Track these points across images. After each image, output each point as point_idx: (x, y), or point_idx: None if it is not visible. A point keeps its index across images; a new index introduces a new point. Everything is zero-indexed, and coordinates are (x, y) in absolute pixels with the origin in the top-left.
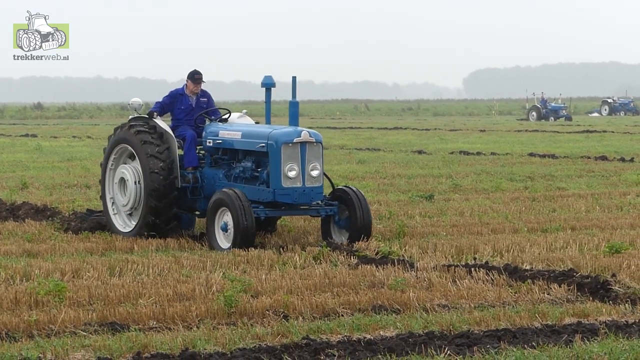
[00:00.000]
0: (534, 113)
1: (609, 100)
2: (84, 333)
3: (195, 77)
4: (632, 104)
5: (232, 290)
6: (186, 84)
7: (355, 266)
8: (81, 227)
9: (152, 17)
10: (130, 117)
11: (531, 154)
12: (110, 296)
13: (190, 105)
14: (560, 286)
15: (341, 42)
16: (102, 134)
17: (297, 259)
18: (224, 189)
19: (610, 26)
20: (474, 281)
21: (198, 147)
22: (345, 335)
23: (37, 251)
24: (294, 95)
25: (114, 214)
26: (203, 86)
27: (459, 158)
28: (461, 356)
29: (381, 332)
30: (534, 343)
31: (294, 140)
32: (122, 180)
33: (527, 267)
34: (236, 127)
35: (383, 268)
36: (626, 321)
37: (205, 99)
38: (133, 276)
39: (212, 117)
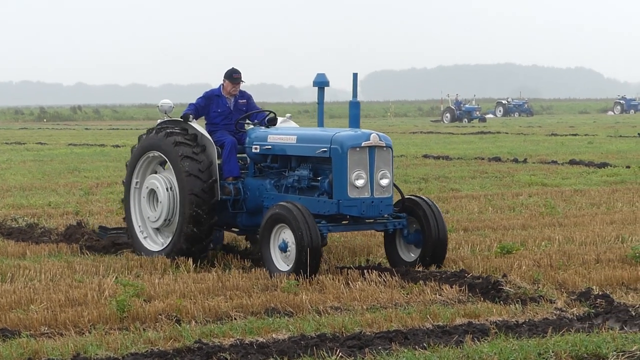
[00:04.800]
0: (447, 115)
1: (504, 102)
2: None
3: (233, 76)
4: (526, 105)
5: (125, 295)
6: (223, 84)
7: (248, 269)
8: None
9: (48, 19)
10: (159, 120)
11: (425, 156)
12: (1, 302)
13: (228, 108)
14: (451, 287)
15: (237, 45)
16: None
17: (191, 263)
18: (281, 202)
19: (505, 28)
20: (366, 283)
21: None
22: (238, 339)
23: None
24: (355, 94)
25: (144, 237)
26: (242, 86)
27: None
28: (353, 358)
29: (273, 335)
30: (425, 344)
31: (362, 144)
32: (152, 193)
33: (419, 269)
34: (289, 131)
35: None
36: (516, 321)
37: (245, 101)
38: (25, 282)
39: (256, 121)
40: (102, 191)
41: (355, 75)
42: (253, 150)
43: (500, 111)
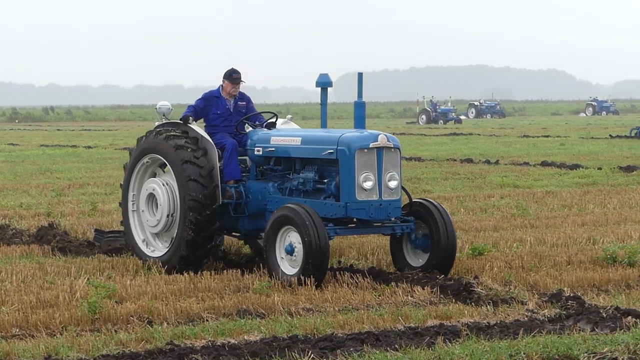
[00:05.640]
0: (423, 116)
1: (476, 103)
2: None
3: (233, 76)
4: (498, 107)
5: (96, 297)
6: (222, 85)
7: (220, 271)
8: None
9: (19, 19)
10: (157, 123)
11: None
12: None
13: (228, 110)
14: (423, 289)
15: (210, 47)
16: None
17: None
18: (288, 204)
19: (478, 30)
20: (338, 285)
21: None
22: (210, 340)
23: None
24: (360, 94)
25: (142, 240)
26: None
27: None
28: (324, 359)
29: (245, 337)
30: (396, 345)
31: (370, 146)
32: (151, 197)
33: (391, 270)
34: (293, 132)
35: (249, 272)
36: (488, 322)
37: (244, 102)
38: None
39: (257, 123)
40: (74, 192)
41: (360, 75)
42: (255, 153)
43: (472, 113)
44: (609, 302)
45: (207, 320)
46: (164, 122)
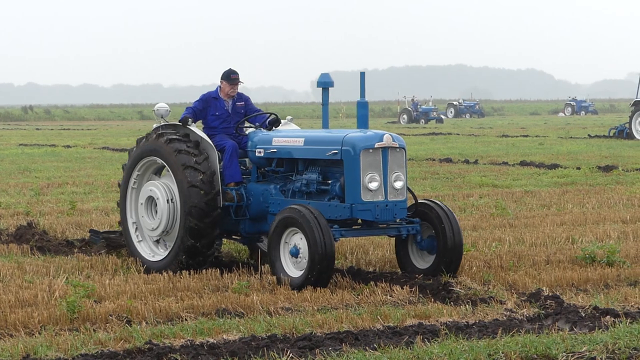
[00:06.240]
0: (404, 116)
1: (455, 103)
2: None
3: (231, 77)
4: (477, 107)
5: (75, 296)
6: (220, 86)
7: (199, 270)
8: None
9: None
10: (155, 125)
11: None
12: None
13: (226, 111)
14: (402, 288)
15: (190, 45)
16: None
17: (141, 263)
18: (292, 205)
19: (457, 29)
20: None
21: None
22: (189, 340)
23: None
24: (362, 94)
25: (139, 241)
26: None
27: None
28: (303, 359)
29: (224, 336)
30: (375, 345)
31: (375, 146)
32: (150, 200)
33: (370, 270)
34: (296, 133)
35: (228, 272)
36: (466, 322)
37: (243, 103)
38: None
39: (257, 124)
40: (53, 192)
41: (362, 75)
42: (256, 154)
43: (451, 112)
44: (588, 302)
45: (186, 319)
46: (162, 123)
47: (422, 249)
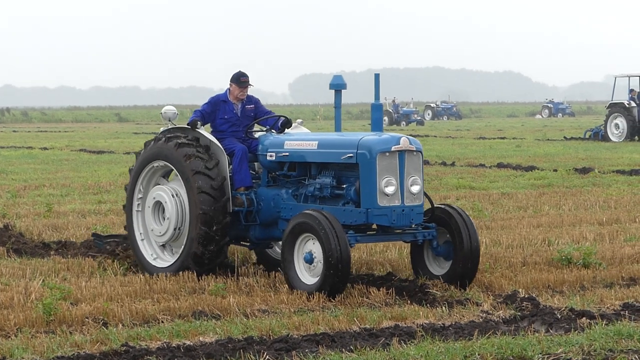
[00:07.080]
0: (385, 118)
1: (432, 105)
2: None
3: (241, 79)
4: (454, 109)
5: (52, 298)
6: (229, 89)
7: (176, 272)
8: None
9: None
10: (163, 128)
11: None
12: None
13: (235, 115)
14: (379, 290)
15: (168, 47)
16: None
17: (117, 265)
18: (306, 211)
19: (434, 32)
20: None
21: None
22: (165, 342)
23: None
24: (377, 96)
25: (144, 247)
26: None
27: None
28: None
29: (201, 338)
30: (352, 347)
31: (392, 149)
32: (158, 205)
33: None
34: (309, 136)
35: (204, 274)
36: (443, 324)
37: (252, 106)
38: None
39: (267, 127)
40: (30, 194)
41: (377, 76)
42: (268, 158)
43: (429, 114)
44: (564, 303)
45: (162, 321)
46: (170, 127)
47: (438, 254)
